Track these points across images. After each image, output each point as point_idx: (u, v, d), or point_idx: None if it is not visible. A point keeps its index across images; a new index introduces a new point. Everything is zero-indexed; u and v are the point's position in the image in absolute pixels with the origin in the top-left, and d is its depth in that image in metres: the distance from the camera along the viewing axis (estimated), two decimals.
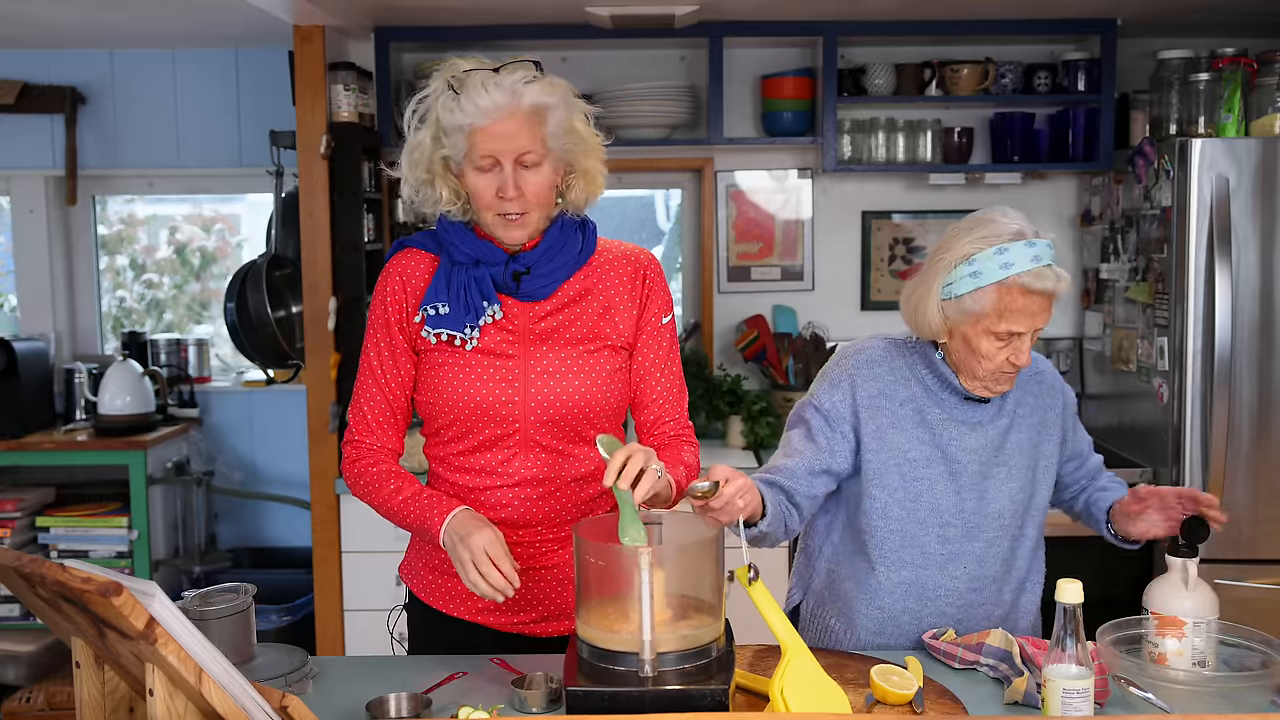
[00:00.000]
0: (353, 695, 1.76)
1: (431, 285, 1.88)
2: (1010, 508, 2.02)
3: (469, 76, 1.77)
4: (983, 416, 2.01)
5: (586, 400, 1.87)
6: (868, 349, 2.06)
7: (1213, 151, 3.11)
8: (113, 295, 4.37)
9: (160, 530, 3.79)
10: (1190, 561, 1.81)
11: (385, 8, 3.40)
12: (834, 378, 2.03)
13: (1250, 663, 1.77)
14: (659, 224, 4.35)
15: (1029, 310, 1.87)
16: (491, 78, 1.76)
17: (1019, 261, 1.85)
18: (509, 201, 1.79)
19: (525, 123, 1.77)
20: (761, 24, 3.68)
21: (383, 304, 1.92)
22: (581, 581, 1.65)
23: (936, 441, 1.99)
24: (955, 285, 1.89)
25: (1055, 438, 2.07)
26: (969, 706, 1.71)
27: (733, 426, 3.77)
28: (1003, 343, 1.89)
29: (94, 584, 1.21)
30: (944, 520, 2.00)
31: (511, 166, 1.78)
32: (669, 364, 1.96)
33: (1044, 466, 2.05)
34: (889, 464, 1.99)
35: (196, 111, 4.05)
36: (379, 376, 1.92)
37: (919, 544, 2.00)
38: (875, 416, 1.99)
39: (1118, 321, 3.60)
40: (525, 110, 1.77)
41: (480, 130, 1.77)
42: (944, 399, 2.00)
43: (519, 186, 1.79)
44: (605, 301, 1.92)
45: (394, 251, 1.97)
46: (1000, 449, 2.01)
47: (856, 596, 2.04)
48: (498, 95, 1.75)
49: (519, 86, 1.76)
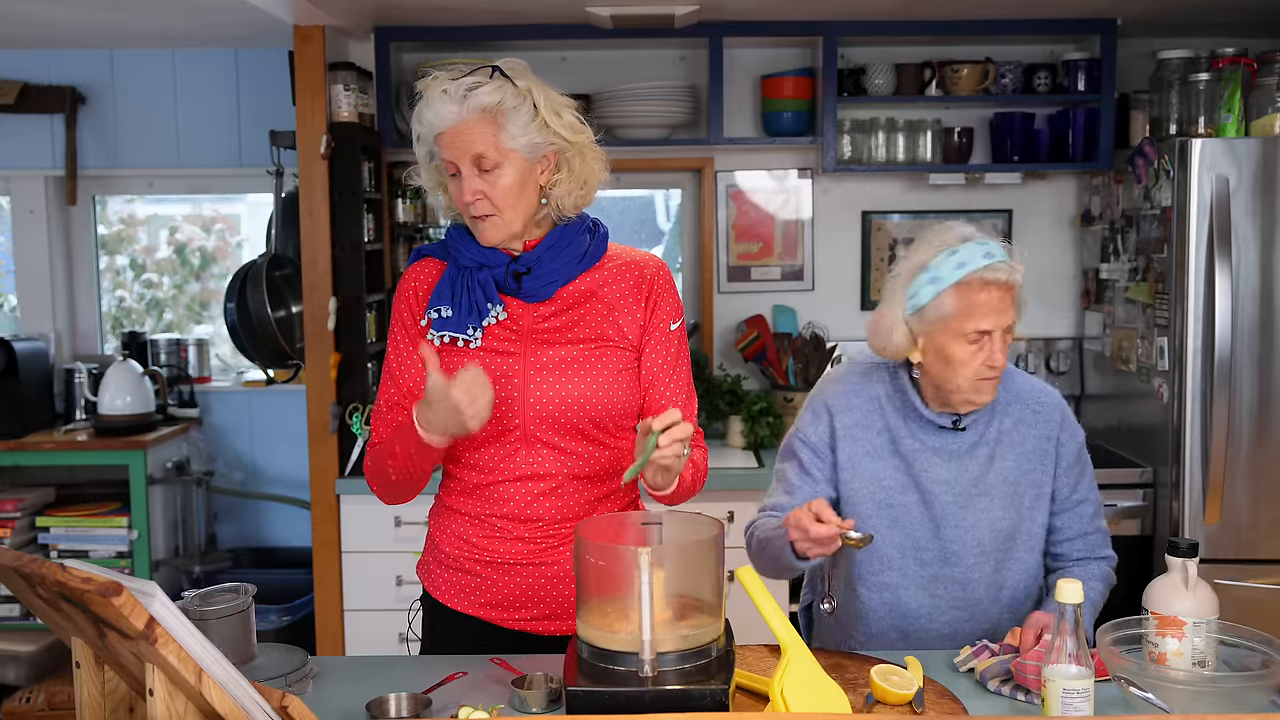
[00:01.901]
0: (353, 695, 1.76)
1: (435, 290, 1.93)
2: (992, 537, 2.01)
3: (428, 87, 1.84)
4: (959, 445, 2.02)
5: (587, 398, 1.88)
6: (845, 378, 2.09)
7: (1213, 151, 3.10)
8: (113, 295, 4.37)
9: (160, 530, 3.79)
10: (1190, 561, 1.81)
11: (385, 8, 3.40)
12: (815, 408, 2.08)
13: (1250, 663, 1.77)
14: (659, 224, 4.35)
15: (992, 305, 1.90)
16: (441, 85, 1.82)
17: (971, 260, 1.90)
18: (473, 205, 1.84)
19: (477, 126, 1.81)
20: (761, 24, 3.68)
21: (398, 311, 1.98)
22: (581, 581, 1.65)
23: (910, 471, 2.01)
24: (917, 296, 1.94)
25: (1047, 470, 2.05)
26: (969, 707, 1.71)
27: (733, 426, 3.77)
28: (975, 345, 1.91)
29: (94, 584, 1.21)
30: (920, 545, 2.02)
31: (470, 170, 1.82)
32: (677, 369, 1.97)
33: (1032, 496, 2.04)
34: (863, 492, 2.02)
35: (196, 111, 4.05)
36: (399, 381, 1.97)
37: (898, 567, 2.02)
38: (850, 445, 2.02)
39: (1118, 321, 3.60)
40: (474, 114, 1.80)
41: (438, 138, 1.84)
42: (916, 429, 2.02)
43: (480, 190, 1.83)
44: (610, 304, 1.93)
45: (412, 261, 2.03)
46: (981, 479, 2.01)
47: (844, 614, 2.09)
48: (447, 103, 1.81)
49: (467, 92, 1.80)
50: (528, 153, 1.83)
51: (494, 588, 1.94)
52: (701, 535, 1.69)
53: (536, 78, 1.88)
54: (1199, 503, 3.15)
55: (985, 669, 1.81)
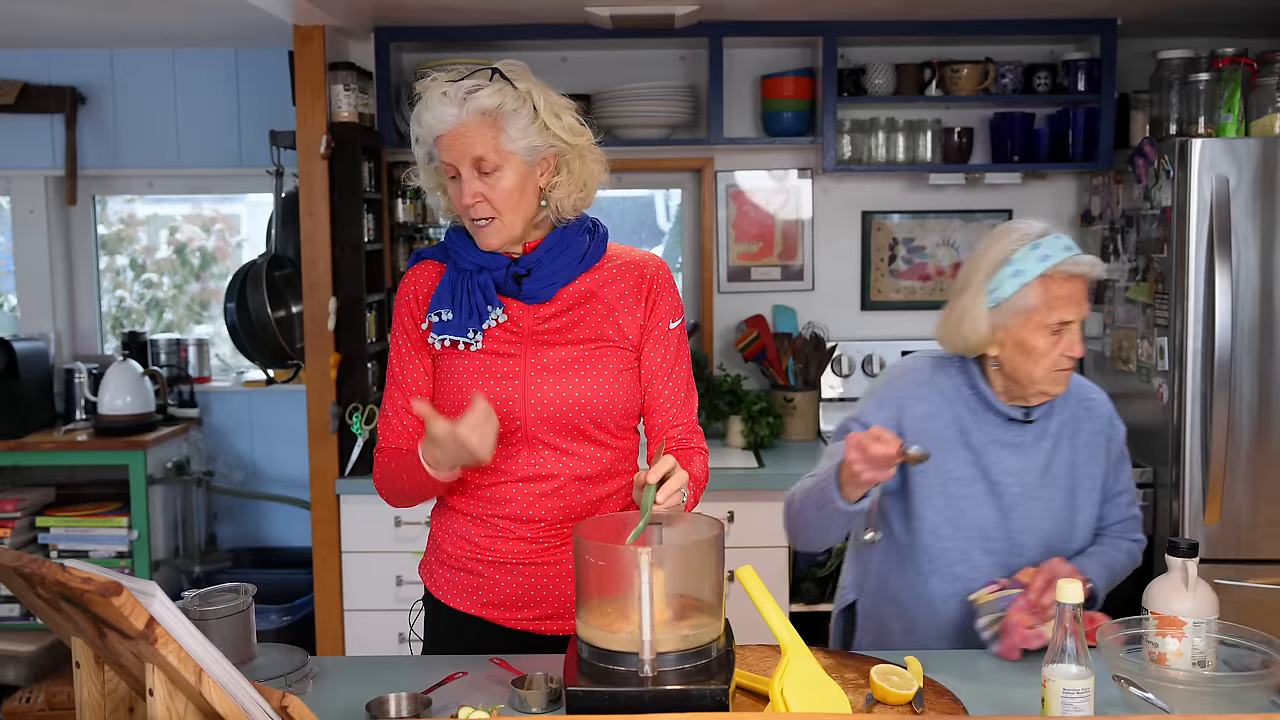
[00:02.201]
0: (353, 695, 1.76)
1: (436, 293, 1.93)
2: (1054, 527, 2.07)
3: (427, 89, 1.83)
4: (1025, 439, 2.06)
5: (588, 399, 1.88)
6: (916, 370, 2.11)
7: (1213, 151, 3.10)
8: (113, 295, 4.37)
9: (160, 530, 3.79)
10: (1190, 561, 1.81)
11: (385, 8, 3.40)
12: (882, 398, 2.09)
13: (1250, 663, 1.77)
14: (659, 224, 4.35)
15: (1073, 297, 1.95)
16: (440, 87, 1.81)
17: (1054, 253, 1.95)
18: (472, 207, 1.84)
19: (477, 129, 1.80)
20: (761, 24, 3.68)
21: (399, 317, 1.98)
22: (581, 581, 1.65)
23: (979, 463, 2.04)
24: (1000, 289, 1.96)
25: (1100, 463, 2.11)
26: (969, 706, 1.71)
27: (733, 426, 3.77)
28: (1055, 336, 1.95)
29: (94, 584, 1.21)
30: (988, 536, 2.05)
31: (470, 173, 1.82)
32: (676, 368, 1.97)
33: (1087, 488, 2.10)
34: (934, 485, 2.04)
35: (196, 111, 4.05)
36: (403, 385, 1.97)
37: (968, 559, 2.05)
38: (922, 438, 2.02)
39: (1118, 321, 3.60)
40: (474, 117, 1.80)
41: (438, 140, 1.83)
42: (986, 419, 2.05)
43: (480, 192, 1.82)
44: (610, 304, 1.93)
45: (411, 264, 2.02)
46: (1045, 471, 2.06)
47: (913, 604, 2.10)
48: (447, 105, 1.80)
49: (466, 95, 1.80)
50: (527, 155, 1.83)
51: (496, 587, 1.95)
52: (701, 535, 1.69)
53: (536, 79, 1.88)
54: (1199, 503, 3.15)
55: (984, 604, 1.81)
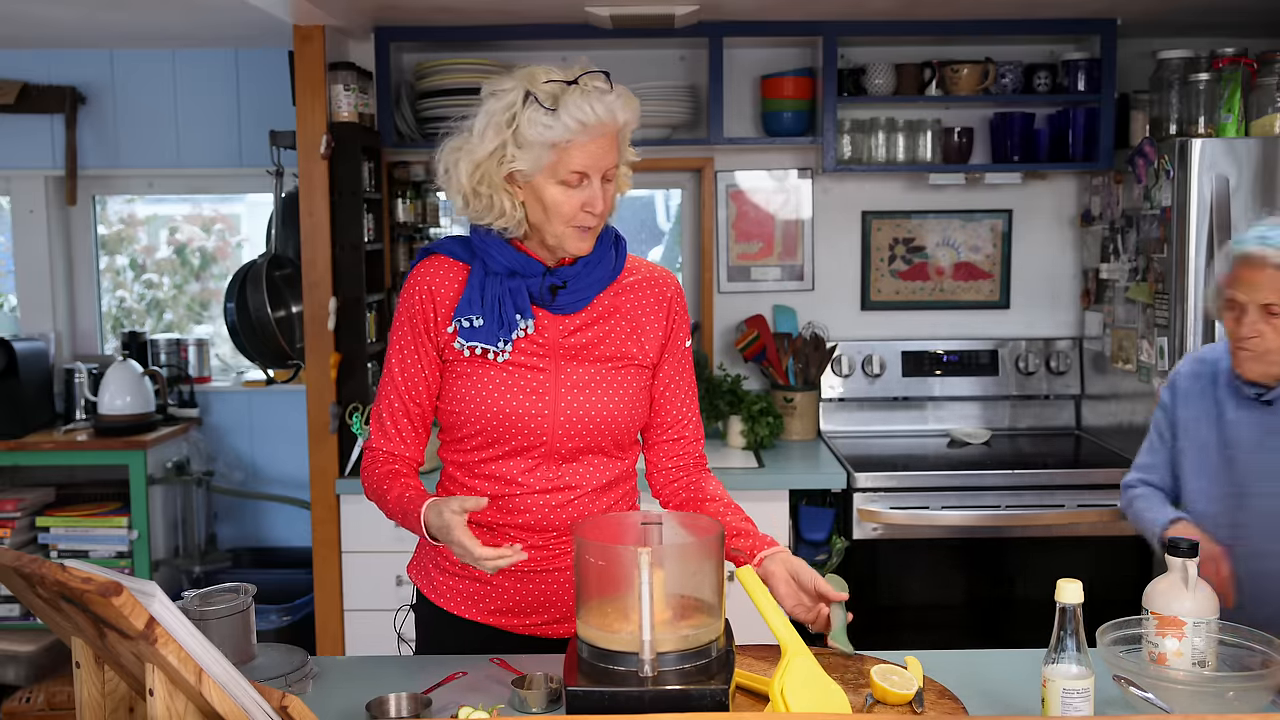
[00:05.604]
0: (353, 695, 1.76)
1: (465, 296, 1.86)
2: None
3: (565, 92, 1.75)
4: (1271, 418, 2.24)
5: (614, 416, 1.89)
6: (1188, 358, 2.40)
7: (1213, 151, 3.10)
8: (113, 295, 4.37)
9: (160, 530, 3.79)
10: (1190, 561, 1.81)
11: (385, 8, 3.40)
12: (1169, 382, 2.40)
13: (1250, 663, 1.77)
14: (659, 224, 4.35)
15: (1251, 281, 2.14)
16: (591, 95, 1.76)
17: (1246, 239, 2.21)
18: (590, 215, 1.81)
19: (614, 139, 1.81)
20: (761, 24, 3.68)
21: (409, 312, 1.89)
22: (581, 581, 1.65)
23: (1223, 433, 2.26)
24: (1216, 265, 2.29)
25: None
26: (969, 706, 1.71)
27: (733, 426, 3.76)
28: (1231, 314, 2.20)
29: (94, 584, 1.21)
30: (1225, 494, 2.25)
31: (598, 180, 1.80)
32: (692, 385, 2.00)
33: None
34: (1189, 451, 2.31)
35: (196, 111, 4.05)
36: (400, 385, 1.91)
37: None
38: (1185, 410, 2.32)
39: (1118, 321, 3.60)
40: (617, 127, 1.81)
41: (574, 145, 1.76)
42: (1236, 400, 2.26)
43: (603, 200, 1.82)
44: (634, 322, 1.93)
45: (421, 258, 1.94)
46: None
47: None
48: (599, 111, 1.75)
49: (614, 104, 1.78)
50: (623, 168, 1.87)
51: (505, 594, 1.93)
52: (701, 535, 1.69)
53: None
54: None
55: None
